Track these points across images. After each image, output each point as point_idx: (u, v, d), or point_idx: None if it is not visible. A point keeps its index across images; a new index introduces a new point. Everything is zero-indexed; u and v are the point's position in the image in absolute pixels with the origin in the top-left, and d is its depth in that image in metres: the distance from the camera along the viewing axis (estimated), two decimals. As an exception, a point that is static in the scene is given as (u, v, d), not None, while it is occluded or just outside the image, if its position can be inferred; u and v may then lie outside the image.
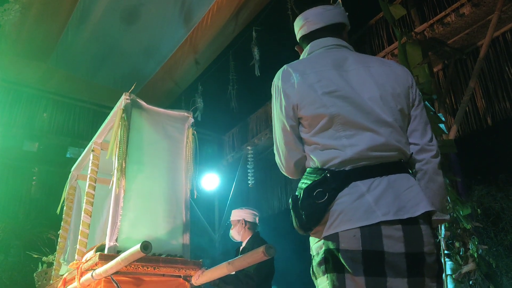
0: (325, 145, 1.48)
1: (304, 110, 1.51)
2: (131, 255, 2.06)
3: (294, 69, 1.60)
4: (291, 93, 1.54)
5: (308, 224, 1.44)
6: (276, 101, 1.61)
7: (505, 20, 4.56)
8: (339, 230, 1.37)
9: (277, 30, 5.84)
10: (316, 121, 1.50)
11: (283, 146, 1.60)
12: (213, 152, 8.14)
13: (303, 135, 1.56)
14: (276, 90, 1.62)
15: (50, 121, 6.69)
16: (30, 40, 5.49)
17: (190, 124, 3.09)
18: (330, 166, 1.45)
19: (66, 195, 3.83)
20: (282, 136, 1.59)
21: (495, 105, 4.69)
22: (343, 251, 1.34)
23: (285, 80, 1.58)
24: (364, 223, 1.35)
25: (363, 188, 1.40)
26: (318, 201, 1.41)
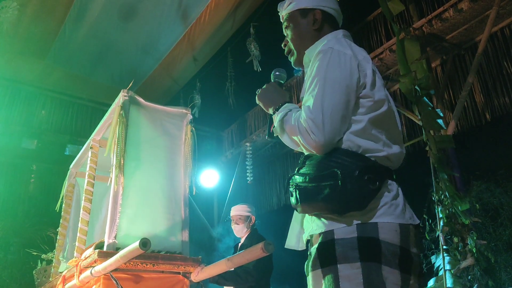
0: (372, 134, 1.42)
1: (372, 92, 1.43)
2: (130, 252, 2.06)
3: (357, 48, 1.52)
4: (364, 69, 1.44)
5: (353, 205, 1.34)
6: (342, 66, 1.41)
7: (503, 15, 4.55)
8: (381, 220, 1.35)
9: (275, 26, 5.83)
10: (378, 106, 1.44)
11: (338, 117, 1.37)
12: (212, 149, 8.14)
13: (356, 116, 1.42)
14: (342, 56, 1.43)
15: (48, 118, 6.68)
16: (28, 38, 5.48)
17: (189, 121, 3.08)
18: (372, 157, 1.41)
19: (64, 192, 3.83)
20: (343, 107, 1.38)
21: (494, 100, 4.69)
22: (384, 242, 1.33)
23: (355, 52, 1.46)
24: (402, 221, 1.38)
25: (394, 189, 1.43)
26: (371, 187, 1.34)
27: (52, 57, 5.92)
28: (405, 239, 1.36)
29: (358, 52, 1.47)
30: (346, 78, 1.40)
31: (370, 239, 1.33)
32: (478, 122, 4.85)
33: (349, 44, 1.49)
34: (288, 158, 7.48)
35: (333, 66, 1.42)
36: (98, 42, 5.75)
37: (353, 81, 1.40)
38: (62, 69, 6.20)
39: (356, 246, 1.32)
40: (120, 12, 5.22)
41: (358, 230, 1.34)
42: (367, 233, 1.33)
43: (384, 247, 1.32)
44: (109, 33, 5.59)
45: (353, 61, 1.42)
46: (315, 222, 1.46)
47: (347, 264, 1.31)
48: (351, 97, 1.40)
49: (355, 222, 1.35)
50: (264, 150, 7.51)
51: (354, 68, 1.41)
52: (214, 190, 7.99)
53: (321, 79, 1.42)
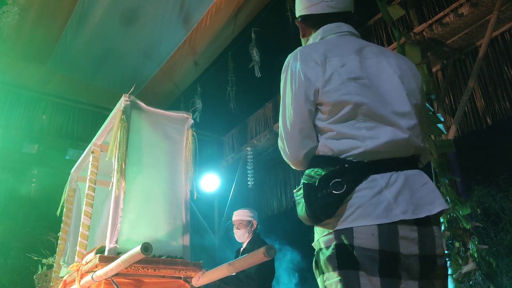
0: (343, 134, 1.39)
1: (326, 96, 1.41)
2: (132, 257, 2.06)
3: (314, 51, 1.49)
4: (313, 76, 1.43)
5: (320, 214, 1.34)
6: (292, 84, 1.47)
7: (503, 20, 4.56)
8: (355, 225, 1.30)
9: (276, 31, 5.85)
10: (338, 109, 1.40)
11: (295, 133, 1.45)
12: (213, 153, 8.14)
13: (318, 122, 1.44)
14: (292, 72, 1.48)
15: (49, 123, 6.69)
16: (29, 43, 5.49)
17: (190, 125, 3.09)
18: (348, 156, 1.37)
19: (65, 197, 3.83)
20: (297, 122, 1.44)
21: (495, 104, 4.69)
22: (359, 248, 1.28)
23: (304, 62, 1.46)
24: (383, 221, 1.29)
25: (382, 183, 1.33)
26: (336, 191, 1.32)
27: (53, 62, 5.94)
28: (388, 240, 1.28)
29: (309, 58, 1.47)
30: (294, 94, 1.45)
31: (346, 246, 1.30)
32: (479, 126, 4.84)
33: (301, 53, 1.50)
34: (289, 162, 7.47)
35: (285, 85, 1.51)
36: (100, 46, 5.77)
37: (301, 95, 1.43)
38: (63, 73, 6.22)
39: (335, 254, 1.31)
40: (122, 17, 5.24)
41: (335, 237, 1.33)
42: (343, 240, 1.31)
43: (359, 253, 1.27)
44: (110, 37, 5.61)
45: (298, 75, 1.45)
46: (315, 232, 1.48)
47: (329, 273, 1.32)
48: (303, 110, 1.43)
49: (332, 229, 1.34)
50: (265, 154, 7.51)
51: (300, 81, 1.44)
52: (215, 195, 7.99)
53: (282, 99, 1.52)
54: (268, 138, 6.87)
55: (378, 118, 1.39)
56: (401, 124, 1.39)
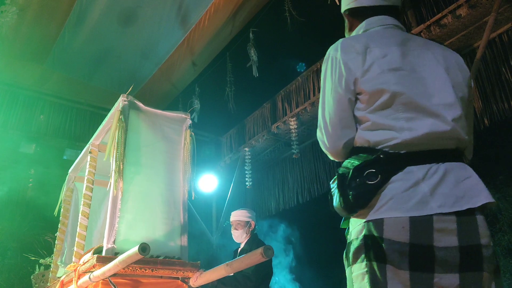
0: (380, 125, 1.38)
1: (365, 85, 1.42)
2: (129, 257, 2.06)
3: (356, 41, 1.50)
4: (353, 65, 1.45)
5: (354, 205, 1.34)
6: (333, 73, 1.49)
7: (501, 21, 4.56)
8: (386, 216, 1.28)
9: (274, 32, 5.85)
10: (375, 97, 1.40)
11: (335, 123, 1.45)
12: (211, 154, 8.13)
13: (356, 112, 1.45)
14: (333, 61, 1.50)
15: (47, 123, 6.67)
16: (27, 42, 5.48)
17: (188, 126, 3.09)
18: (384, 147, 1.36)
19: (63, 197, 3.83)
20: (337, 112, 1.45)
21: (493, 106, 4.69)
22: (389, 241, 1.26)
23: (346, 51, 1.48)
24: (415, 214, 1.26)
25: (418, 175, 1.31)
26: (369, 181, 1.32)
27: (51, 62, 5.93)
28: (421, 234, 1.25)
29: (350, 48, 1.48)
30: (334, 83, 1.47)
31: (375, 238, 1.28)
32: (476, 127, 4.84)
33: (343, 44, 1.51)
34: (287, 163, 7.48)
35: (325, 75, 1.54)
36: (97, 46, 5.76)
37: (341, 84, 1.46)
38: (61, 73, 6.21)
39: (363, 246, 1.30)
40: (120, 17, 5.23)
41: (365, 228, 1.32)
42: (373, 231, 1.29)
43: (389, 245, 1.25)
44: (108, 37, 5.60)
45: (339, 63, 1.48)
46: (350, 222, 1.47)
47: (357, 265, 1.31)
48: (343, 99, 1.45)
49: (363, 220, 1.33)
50: (263, 155, 7.51)
51: (340, 70, 1.47)
52: (213, 195, 7.98)
53: (321, 90, 1.55)
54: (266, 139, 6.86)
55: (419, 109, 1.38)
56: (445, 115, 1.38)
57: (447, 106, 1.39)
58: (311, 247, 7.75)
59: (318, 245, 7.42)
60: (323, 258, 7.16)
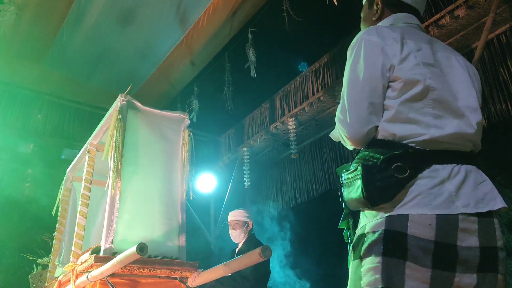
0: (408, 118, 1.36)
1: (400, 72, 1.39)
2: (127, 257, 2.06)
3: (392, 30, 1.49)
4: (391, 52, 1.42)
5: (378, 197, 1.30)
6: (367, 56, 1.44)
7: (499, 22, 4.57)
8: (412, 212, 1.26)
9: (273, 32, 5.85)
10: (409, 87, 1.38)
11: (364, 107, 1.39)
12: (209, 153, 8.12)
13: (386, 101, 1.41)
14: (368, 44, 1.45)
15: (45, 122, 6.65)
16: (25, 41, 5.47)
17: (186, 126, 3.09)
18: (410, 143, 1.34)
19: (61, 196, 3.82)
20: (369, 96, 1.40)
21: (490, 106, 4.70)
22: (413, 237, 1.23)
23: (383, 37, 1.45)
24: (442, 212, 1.25)
25: (444, 174, 1.31)
26: (398, 175, 1.28)
27: (50, 61, 5.92)
28: (446, 232, 1.24)
29: (388, 35, 1.46)
30: (369, 66, 1.42)
31: (397, 234, 1.26)
32: (474, 128, 4.85)
33: (379, 29, 1.49)
34: (285, 163, 7.48)
35: (357, 57, 1.46)
36: (96, 46, 5.75)
37: (377, 67, 1.41)
38: (59, 73, 6.19)
39: (381, 240, 1.27)
40: (118, 17, 5.22)
41: (386, 223, 1.29)
42: (395, 227, 1.26)
43: (412, 242, 1.23)
44: (107, 37, 5.59)
45: (376, 46, 1.43)
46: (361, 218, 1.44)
47: (369, 258, 1.28)
48: (377, 83, 1.40)
49: (384, 214, 1.30)
50: (261, 155, 7.51)
51: (378, 54, 1.42)
52: (211, 195, 7.97)
53: (348, 71, 1.47)
54: (264, 139, 6.87)
55: (448, 108, 1.38)
56: (470, 118, 1.40)
57: (472, 109, 1.42)
58: (310, 247, 7.76)
59: (316, 245, 7.42)
60: (322, 257, 7.17)
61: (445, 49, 1.55)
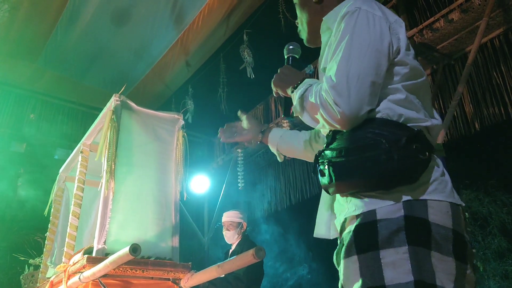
0: (411, 102, 1.26)
1: (407, 58, 1.29)
2: (120, 258, 2.04)
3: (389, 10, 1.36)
4: (397, 33, 1.29)
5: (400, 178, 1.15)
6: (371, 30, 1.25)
7: (493, 26, 4.61)
8: (431, 198, 1.16)
9: (268, 34, 5.86)
10: (414, 75, 1.30)
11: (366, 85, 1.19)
12: (203, 155, 8.12)
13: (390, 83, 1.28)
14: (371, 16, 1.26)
15: (38, 122, 6.62)
16: (19, 40, 5.44)
17: (181, 126, 3.08)
18: (414, 126, 1.22)
19: (53, 197, 3.79)
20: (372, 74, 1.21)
21: (483, 110, 4.73)
22: (435, 225, 1.14)
23: (388, 14, 1.31)
24: (453, 200, 1.20)
25: (441, 164, 1.26)
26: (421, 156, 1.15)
27: (43, 60, 5.88)
28: (458, 221, 1.18)
29: (390, 14, 1.32)
30: (376, 41, 1.24)
31: (419, 220, 1.14)
32: (467, 131, 4.89)
33: (378, 5, 1.33)
34: (279, 164, 7.48)
35: (360, 27, 1.26)
36: (90, 45, 5.72)
37: (384, 45, 1.25)
38: (53, 72, 6.16)
39: (403, 227, 1.13)
40: (113, 16, 5.21)
41: (405, 208, 1.15)
42: (416, 213, 1.15)
43: (435, 230, 1.13)
44: (101, 36, 5.57)
45: (384, 22, 1.27)
46: (352, 202, 1.25)
47: (391, 249, 1.12)
48: (382, 61, 1.23)
49: (403, 198, 1.16)
50: (255, 156, 7.51)
51: (385, 30, 1.26)
52: (205, 196, 7.97)
53: (347, 42, 1.25)
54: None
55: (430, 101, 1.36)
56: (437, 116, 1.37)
57: None
58: (303, 248, 7.76)
59: (311, 246, 7.44)
60: (316, 257, 7.18)
61: None
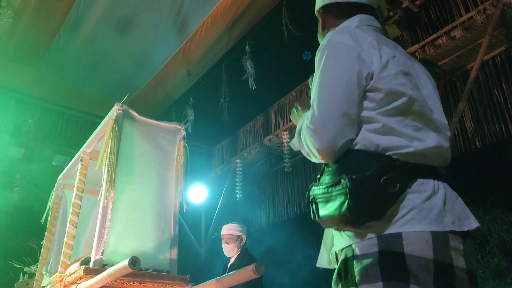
0: (390, 129, 1.24)
1: (382, 82, 1.27)
2: (118, 271, 2.01)
3: (366, 33, 1.35)
4: (368, 58, 1.28)
5: (367, 214, 1.17)
6: (340, 61, 1.30)
7: (495, 44, 4.63)
8: (405, 230, 1.15)
9: (270, 45, 5.88)
10: (391, 99, 1.27)
11: (338, 117, 1.24)
12: (202, 164, 8.08)
13: (364, 112, 1.28)
14: (341, 47, 1.31)
15: (37, 127, 6.58)
16: (21, 45, 5.43)
17: (182, 137, 3.07)
18: (393, 155, 1.22)
19: (51, 204, 3.76)
20: (343, 105, 1.25)
21: (484, 127, 4.73)
22: (412, 256, 1.12)
23: (357, 41, 1.31)
24: (436, 228, 1.16)
25: (429, 188, 1.22)
26: (389, 190, 1.16)
27: (45, 66, 5.87)
28: (442, 250, 1.15)
29: (363, 39, 1.33)
30: (344, 72, 1.28)
31: (394, 254, 1.14)
32: (468, 149, 4.88)
33: (352, 31, 1.35)
34: (278, 176, 7.46)
35: (329, 61, 1.32)
36: (92, 53, 5.72)
37: (353, 74, 1.27)
38: (54, 78, 6.14)
39: (377, 263, 1.14)
40: (117, 24, 5.21)
41: (380, 242, 1.16)
42: (391, 246, 1.15)
43: (412, 262, 1.12)
44: (104, 44, 5.58)
45: (352, 51, 1.29)
46: (338, 237, 1.30)
47: (367, 285, 1.15)
48: (353, 91, 1.26)
49: (375, 233, 1.18)
50: (254, 167, 7.49)
51: (353, 59, 1.28)
52: (202, 206, 7.92)
53: (320, 75, 1.32)
54: (258, 151, 6.85)
55: (426, 120, 1.30)
56: (445, 132, 1.33)
57: (444, 124, 1.36)
58: (300, 261, 7.71)
59: (307, 260, 7.39)
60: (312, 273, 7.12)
61: (408, 57, 1.45)
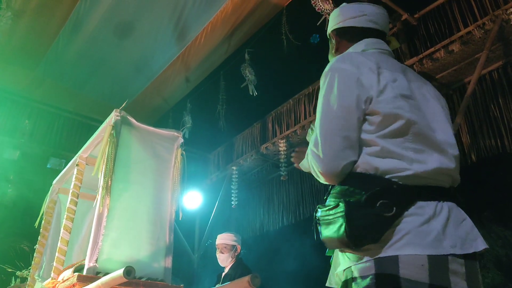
0: (390, 152, 1.28)
1: (379, 106, 1.31)
2: (113, 280, 2.00)
3: (366, 58, 1.40)
4: (367, 83, 1.33)
5: (364, 238, 1.19)
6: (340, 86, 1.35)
7: (492, 58, 4.66)
8: (401, 253, 1.17)
9: (269, 54, 5.89)
10: (389, 122, 1.30)
11: (338, 141, 1.30)
12: (197, 170, 8.05)
13: (363, 135, 1.32)
14: (341, 73, 1.37)
15: (33, 130, 6.54)
16: (20, 48, 5.41)
17: (180, 144, 3.06)
18: (393, 177, 1.25)
19: (45, 208, 3.73)
20: (343, 129, 1.30)
21: (480, 142, 4.75)
22: (407, 280, 1.14)
23: (357, 66, 1.36)
24: (433, 252, 1.17)
25: (429, 211, 1.23)
26: (385, 213, 1.19)
27: (43, 69, 5.85)
28: (439, 274, 1.15)
29: (363, 64, 1.38)
30: (344, 97, 1.33)
31: (390, 277, 1.16)
32: (463, 162, 4.90)
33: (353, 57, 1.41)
34: (274, 184, 7.45)
35: (330, 87, 1.37)
36: (91, 57, 5.71)
37: (352, 99, 1.32)
38: (52, 81, 6.12)
39: (374, 285, 1.17)
40: (116, 29, 5.21)
41: (376, 265, 1.19)
42: (386, 269, 1.17)
43: (407, 286, 1.14)
44: (102, 49, 5.57)
45: (351, 76, 1.35)
46: (341, 258, 1.33)
47: None
48: (352, 116, 1.32)
49: (372, 256, 1.20)
50: (250, 174, 7.47)
51: (352, 84, 1.34)
52: (197, 212, 7.88)
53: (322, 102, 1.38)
54: (254, 159, 6.85)
55: (427, 142, 1.32)
56: (450, 152, 1.34)
57: (450, 144, 1.37)
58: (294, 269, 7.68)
59: (302, 268, 7.36)
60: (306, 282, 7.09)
61: (417, 78, 1.49)
